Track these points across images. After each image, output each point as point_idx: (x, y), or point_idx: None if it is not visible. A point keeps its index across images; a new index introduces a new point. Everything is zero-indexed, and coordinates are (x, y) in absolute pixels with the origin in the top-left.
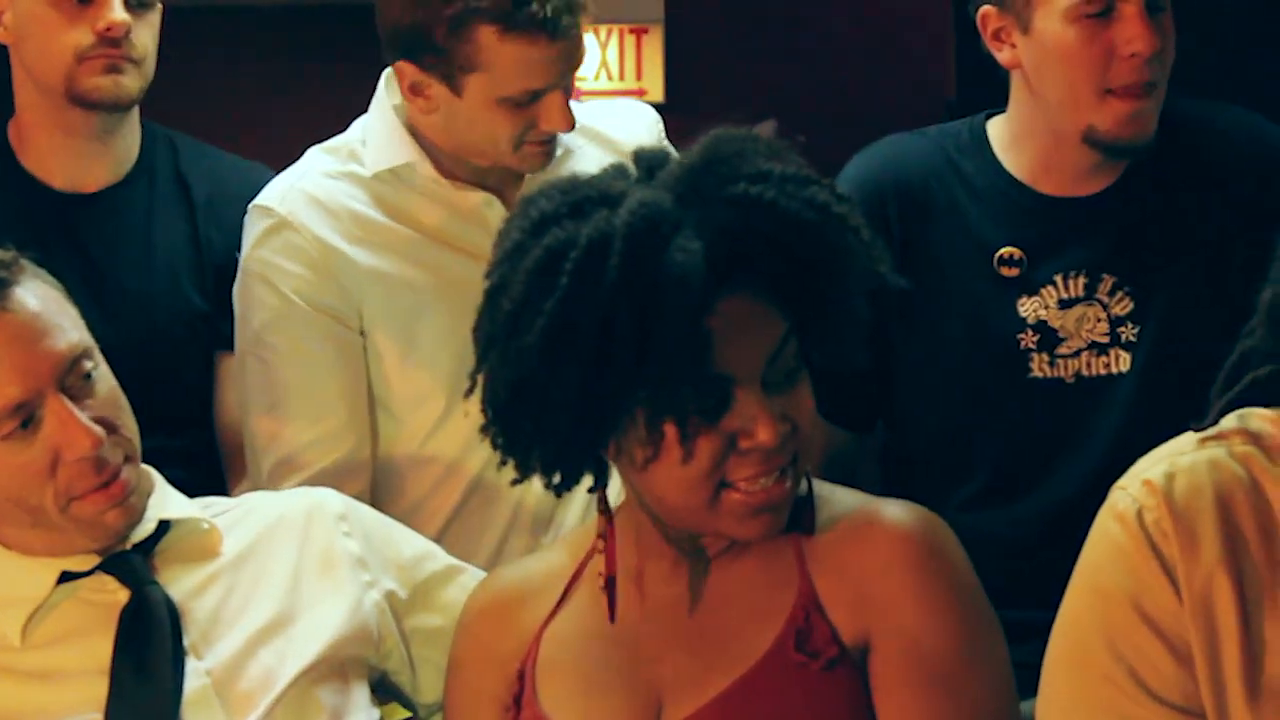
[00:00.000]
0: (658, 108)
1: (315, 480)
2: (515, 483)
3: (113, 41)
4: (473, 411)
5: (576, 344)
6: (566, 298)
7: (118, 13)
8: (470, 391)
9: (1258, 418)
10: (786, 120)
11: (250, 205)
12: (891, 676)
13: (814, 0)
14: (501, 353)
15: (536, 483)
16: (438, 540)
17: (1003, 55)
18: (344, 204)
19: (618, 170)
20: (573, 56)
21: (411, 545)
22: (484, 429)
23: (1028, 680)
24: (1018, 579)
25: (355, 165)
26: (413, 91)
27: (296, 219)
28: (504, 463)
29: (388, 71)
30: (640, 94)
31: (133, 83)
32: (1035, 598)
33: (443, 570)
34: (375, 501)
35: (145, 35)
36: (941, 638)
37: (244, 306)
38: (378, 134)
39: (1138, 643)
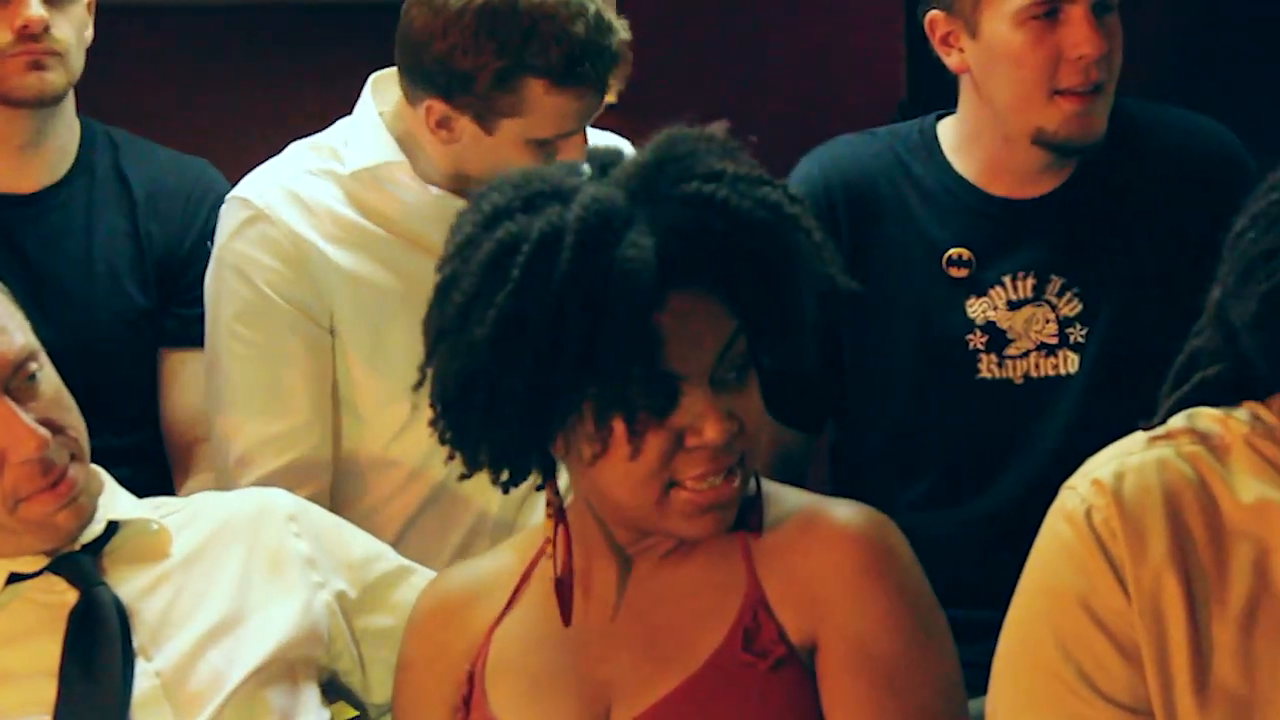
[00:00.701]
0: (610, 108)
1: (273, 477)
2: (463, 477)
3: (32, 37)
4: (421, 404)
5: (526, 338)
6: (517, 291)
7: (34, 8)
8: (420, 384)
9: (1205, 417)
10: (739, 120)
11: (229, 195)
12: (839, 676)
13: (767, 1)
14: (451, 346)
15: (499, 490)
16: (398, 545)
17: (951, 60)
18: (322, 201)
19: (571, 166)
20: (602, 102)
21: (362, 545)
22: (433, 423)
23: (977, 680)
24: (967, 579)
25: (335, 163)
26: (439, 125)
27: (274, 212)
28: (452, 457)
29: (375, 75)
30: None
31: (58, 78)
32: (984, 597)
33: (393, 570)
34: (337, 502)
35: (66, 29)
36: (889, 638)
37: (215, 296)
38: (360, 134)
39: (1087, 642)
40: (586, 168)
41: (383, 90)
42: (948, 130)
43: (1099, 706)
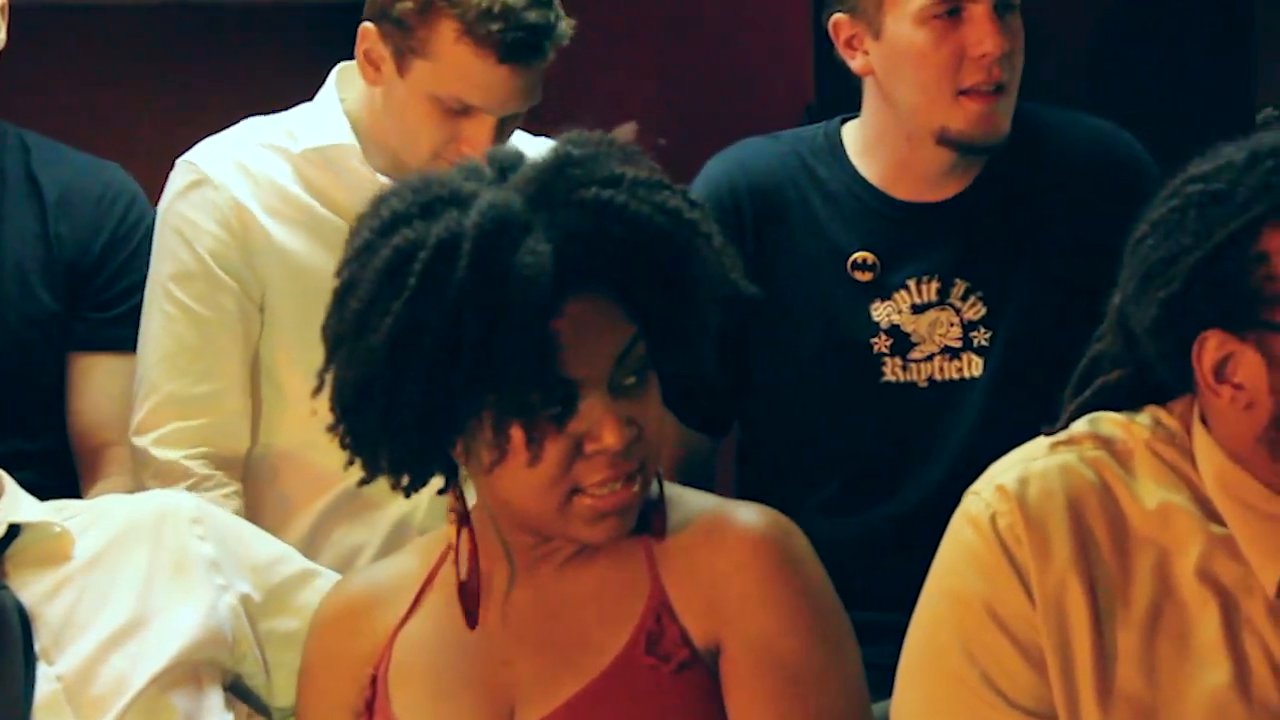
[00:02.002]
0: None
1: (185, 433)
2: (363, 483)
3: None
4: (321, 410)
5: (423, 345)
6: (414, 298)
7: None
8: (319, 390)
9: (1108, 422)
10: (646, 124)
11: (180, 159)
12: (742, 679)
13: (674, 5)
14: (349, 352)
15: (422, 495)
16: (315, 548)
17: (855, 62)
18: (268, 174)
19: (471, 170)
20: (520, 92)
21: (266, 548)
22: (332, 428)
23: (881, 682)
24: (872, 582)
25: (288, 141)
26: (367, 58)
27: (218, 178)
28: (351, 462)
29: (341, 65)
30: None
31: None
32: (888, 601)
33: (298, 573)
34: (253, 495)
35: None
36: (792, 641)
37: (157, 254)
38: (316, 116)
39: (991, 646)
40: (487, 171)
41: (346, 80)
42: (852, 134)
43: (1003, 711)
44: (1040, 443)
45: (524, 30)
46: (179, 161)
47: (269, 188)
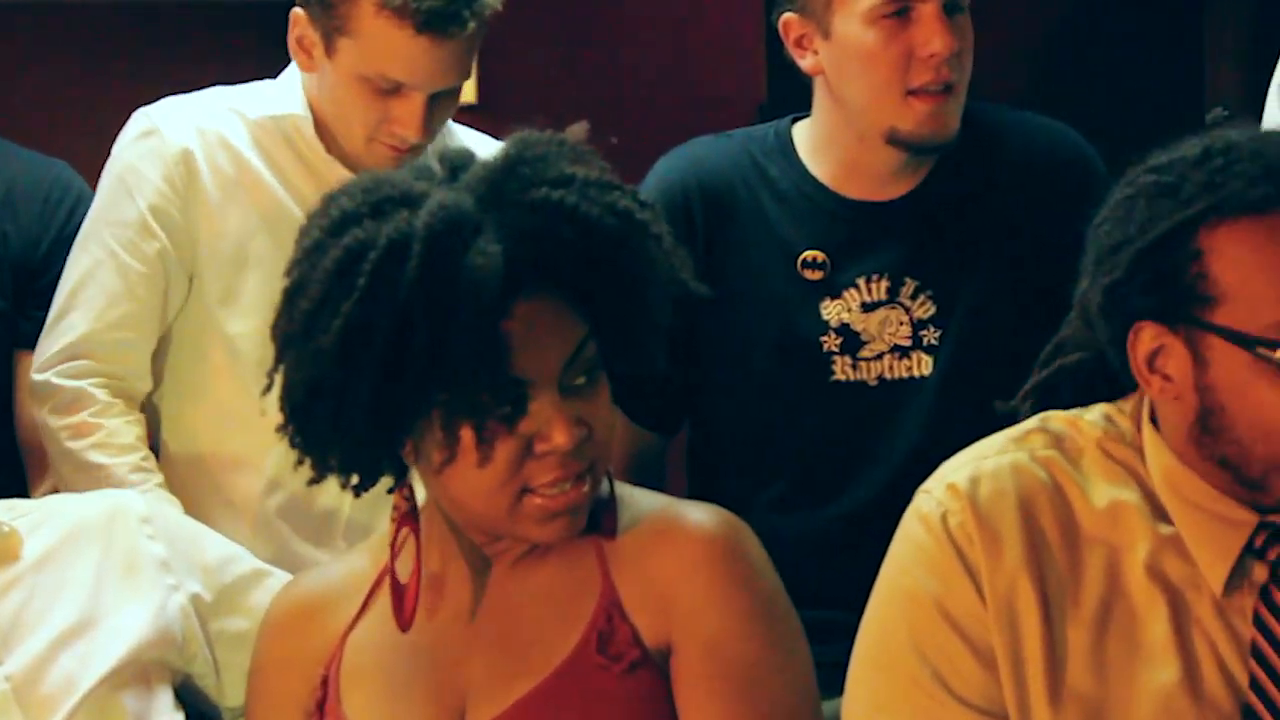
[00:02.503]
0: (471, 109)
1: (103, 370)
2: (312, 482)
3: None
4: (270, 410)
5: (373, 346)
6: (364, 299)
7: None
8: (268, 389)
9: (1058, 420)
10: (598, 122)
11: (136, 110)
12: (693, 679)
13: (626, 3)
14: (298, 353)
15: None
16: (256, 545)
17: (805, 62)
18: (220, 132)
19: (422, 170)
20: (445, 65)
21: (217, 548)
22: (281, 428)
23: (831, 681)
24: (822, 580)
25: (247, 107)
26: (298, 45)
27: (169, 133)
28: (301, 462)
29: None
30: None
31: None
32: (839, 599)
33: (249, 573)
34: (190, 495)
35: None
36: (742, 641)
37: (98, 197)
38: (276, 88)
39: (942, 644)
40: (438, 169)
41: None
42: (803, 133)
43: (954, 709)
44: (991, 441)
45: (440, 0)
46: (136, 112)
47: (221, 148)
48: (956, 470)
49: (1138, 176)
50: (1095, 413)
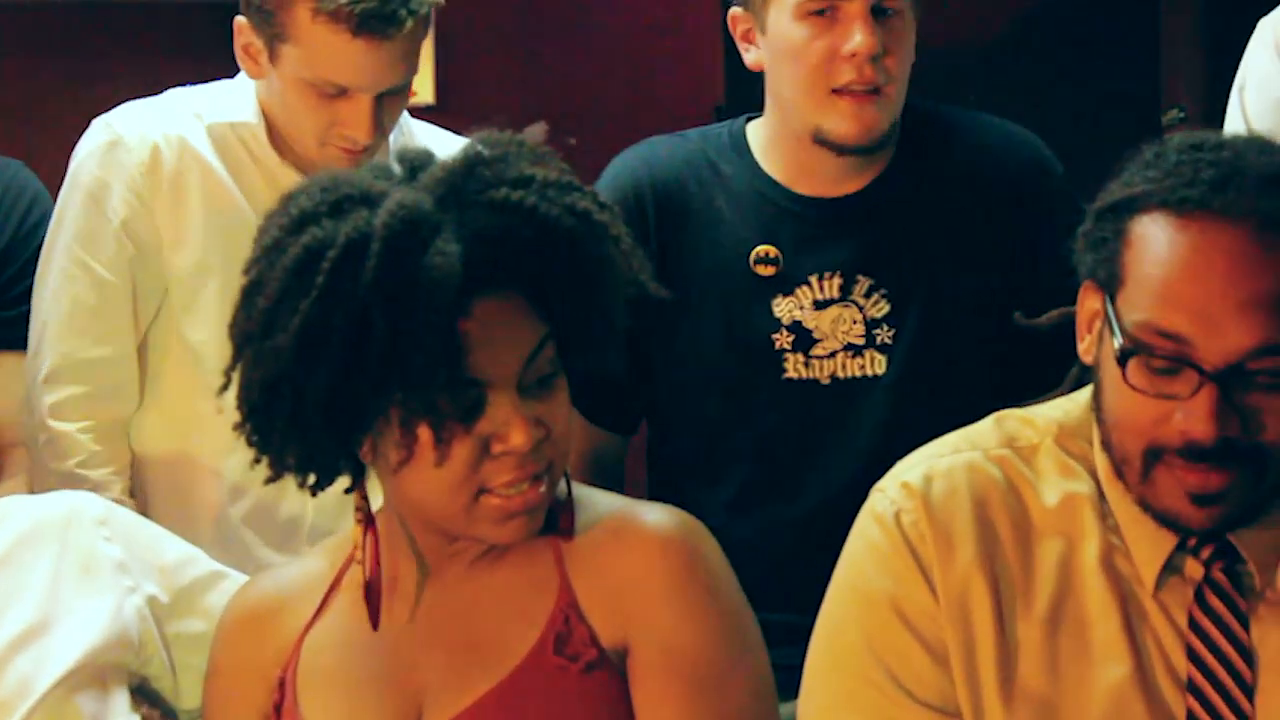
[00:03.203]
0: (428, 110)
1: (78, 401)
2: (269, 481)
3: None
4: (228, 409)
5: (330, 344)
6: (322, 297)
7: None
8: (225, 389)
9: (1013, 418)
10: (557, 123)
11: (97, 119)
12: (650, 680)
13: (585, 4)
14: (256, 351)
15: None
16: (219, 551)
17: (749, 56)
18: (183, 137)
19: (381, 169)
20: (386, 65)
21: (175, 549)
22: (238, 427)
23: (788, 683)
24: (778, 582)
25: (205, 110)
26: (245, 53)
27: (132, 140)
28: (258, 461)
29: None
30: (411, 95)
31: None
32: (795, 601)
33: (206, 576)
34: (147, 496)
35: None
36: (699, 641)
37: (60, 214)
38: (229, 92)
39: (895, 643)
40: (397, 169)
41: None
42: (756, 131)
43: (907, 706)
44: (946, 440)
45: (374, 1)
46: (96, 121)
47: (183, 154)
48: (910, 469)
49: (1164, 139)
50: (1054, 407)
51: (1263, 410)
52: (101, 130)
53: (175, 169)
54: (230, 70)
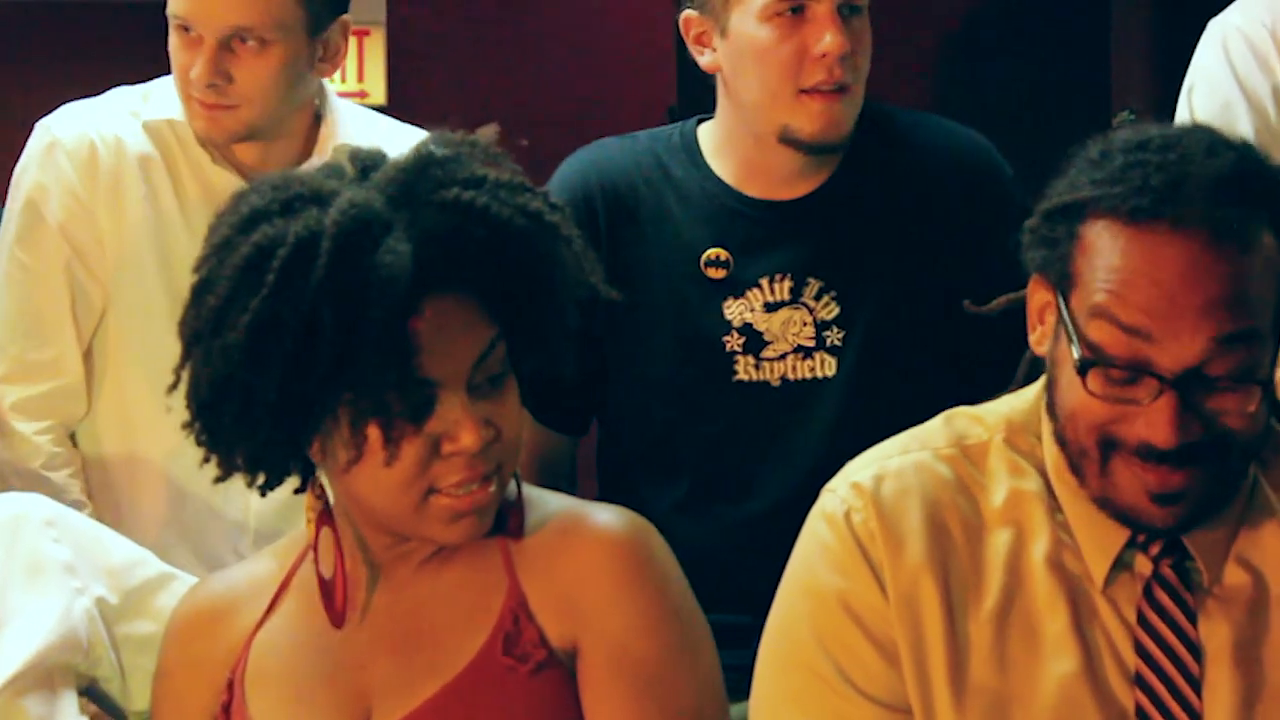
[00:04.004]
0: (380, 110)
1: (30, 403)
2: (218, 480)
3: None
4: (175, 407)
5: (281, 343)
6: (272, 296)
7: None
8: (174, 387)
9: (962, 417)
10: (509, 124)
11: (39, 122)
12: (600, 681)
13: (538, 5)
14: (205, 349)
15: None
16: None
17: (704, 60)
18: (119, 136)
19: (333, 169)
20: (223, 5)
21: (123, 551)
22: (187, 425)
23: (738, 684)
24: (728, 583)
25: (142, 107)
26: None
27: (69, 142)
28: (207, 460)
29: None
30: (362, 96)
31: None
32: (745, 602)
33: (155, 577)
34: (95, 498)
35: None
36: (649, 643)
37: (8, 215)
38: (167, 88)
39: (846, 641)
40: (348, 169)
41: None
42: (707, 133)
43: (858, 703)
44: (896, 441)
45: None
46: (38, 124)
47: (119, 154)
48: (861, 469)
49: (1106, 140)
50: (1003, 403)
51: (1222, 412)
52: (41, 134)
53: (113, 169)
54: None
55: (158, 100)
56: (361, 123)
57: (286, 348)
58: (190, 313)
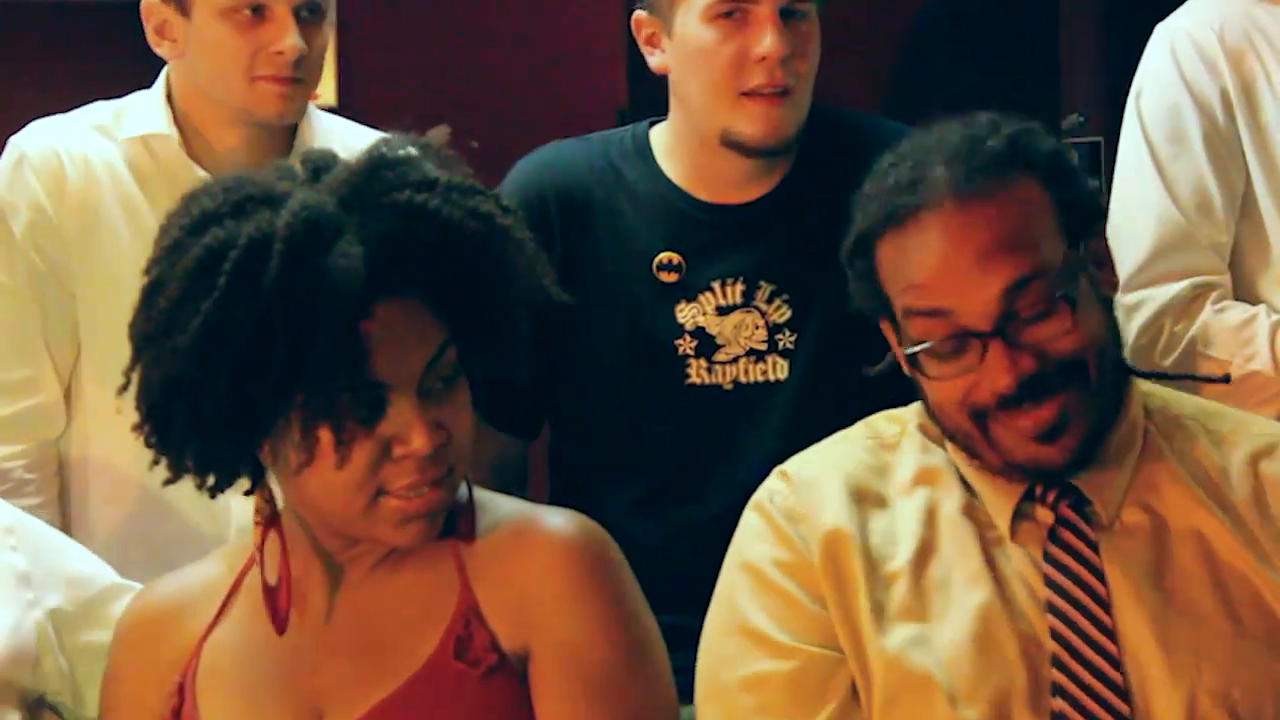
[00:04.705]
0: (330, 111)
1: (7, 422)
2: (167, 483)
3: None
4: (127, 409)
5: (232, 344)
6: (224, 298)
7: None
8: (124, 389)
9: (880, 418)
10: (459, 126)
11: (11, 139)
12: (551, 685)
13: (488, 7)
14: (156, 351)
15: (239, 507)
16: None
17: (654, 60)
18: (91, 156)
19: (284, 170)
20: None
21: (83, 560)
22: (137, 427)
23: (689, 686)
24: (680, 585)
25: (115, 125)
26: (159, 34)
27: (38, 159)
28: (156, 462)
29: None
30: (313, 97)
31: None
32: (697, 604)
33: (111, 587)
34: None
35: None
36: (601, 646)
37: None
38: (142, 104)
39: (780, 597)
40: (299, 171)
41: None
42: (659, 136)
43: (791, 651)
44: (821, 442)
45: None
46: (9, 141)
47: (90, 171)
48: (787, 463)
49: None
50: (920, 405)
51: (1047, 339)
52: (10, 150)
53: (82, 186)
54: (129, 71)
55: (131, 117)
56: (340, 129)
57: (237, 350)
58: (141, 315)
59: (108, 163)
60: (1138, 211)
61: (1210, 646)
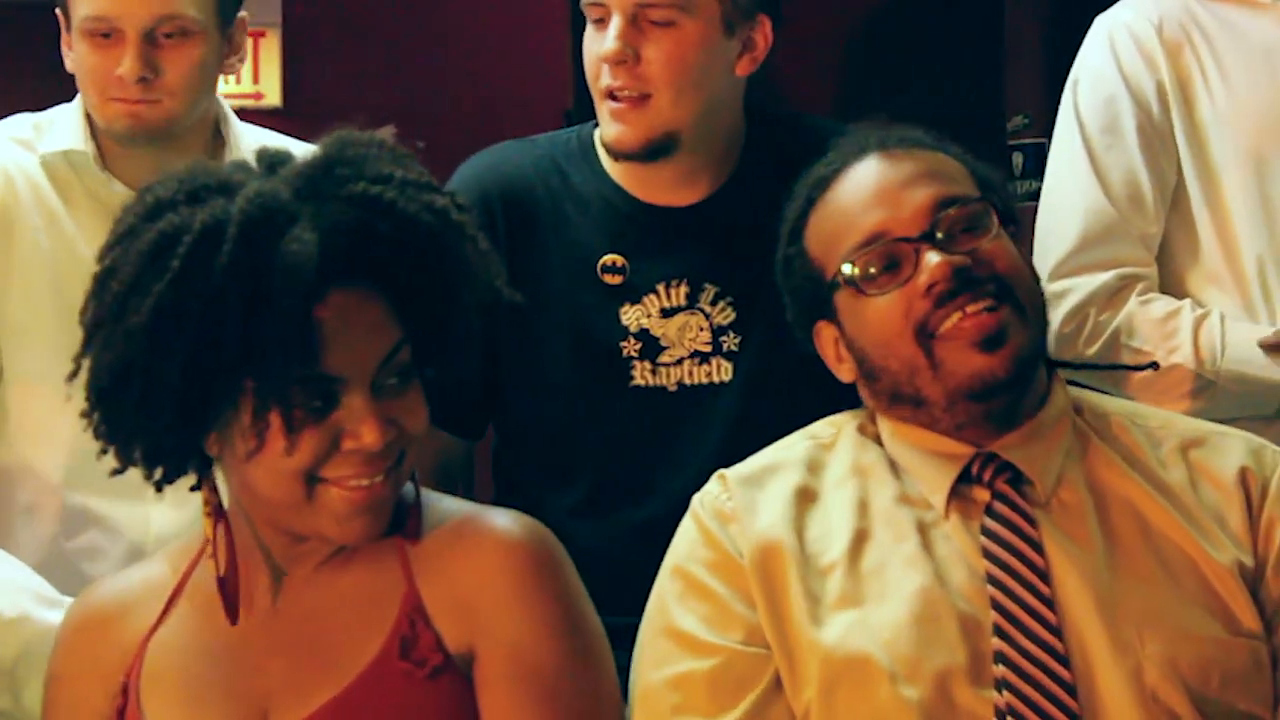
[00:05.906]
0: (276, 112)
1: None
2: (115, 473)
3: None
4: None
5: (184, 329)
6: (176, 281)
7: None
8: (74, 376)
9: (818, 424)
10: (405, 126)
11: None
12: (496, 685)
13: (433, 8)
14: (107, 335)
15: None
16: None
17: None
18: (5, 164)
19: (239, 165)
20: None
21: (10, 568)
22: (85, 414)
23: None
24: (623, 586)
25: (35, 139)
26: (65, 46)
27: None
28: (104, 452)
29: None
30: (258, 98)
31: None
32: (641, 605)
33: (43, 594)
34: None
35: None
36: (545, 647)
37: None
38: (61, 118)
39: (707, 597)
40: (254, 166)
41: None
42: None
43: (714, 648)
44: (762, 451)
45: None
46: None
47: (10, 184)
48: (730, 468)
49: None
50: (858, 410)
51: (975, 249)
52: None
53: (1, 203)
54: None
55: (52, 132)
56: (263, 138)
57: (190, 333)
58: (93, 300)
59: (27, 174)
60: (1068, 200)
61: (1153, 616)
